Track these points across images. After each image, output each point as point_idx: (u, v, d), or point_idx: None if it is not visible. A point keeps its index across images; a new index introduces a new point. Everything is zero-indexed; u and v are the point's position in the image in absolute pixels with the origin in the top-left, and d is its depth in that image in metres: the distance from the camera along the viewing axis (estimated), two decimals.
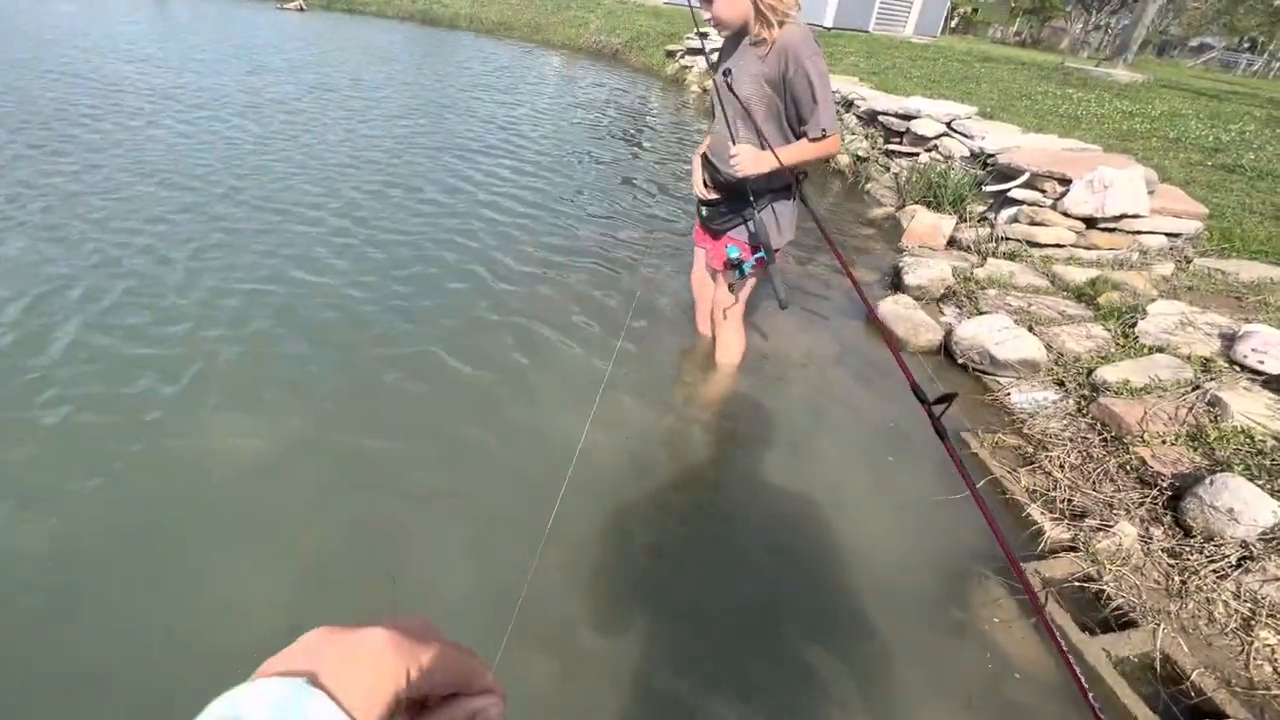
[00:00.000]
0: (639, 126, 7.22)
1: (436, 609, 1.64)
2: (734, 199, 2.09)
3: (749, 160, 1.93)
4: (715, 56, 2.08)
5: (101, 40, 8.67)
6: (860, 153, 5.92)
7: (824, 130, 1.89)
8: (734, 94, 1.93)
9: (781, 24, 1.81)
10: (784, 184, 2.10)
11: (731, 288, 2.29)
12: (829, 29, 13.12)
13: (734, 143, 1.95)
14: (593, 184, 5.02)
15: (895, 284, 3.62)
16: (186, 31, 10.15)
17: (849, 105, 6.32)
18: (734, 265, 2.14)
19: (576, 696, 1.48)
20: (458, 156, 5.31)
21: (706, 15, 1.88)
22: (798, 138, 1.99)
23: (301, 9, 14.56)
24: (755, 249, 2.10)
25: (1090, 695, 0.57)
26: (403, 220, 3.93)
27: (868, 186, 5.53)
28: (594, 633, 1.62)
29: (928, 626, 1.75)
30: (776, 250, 2.18)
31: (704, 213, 2.20)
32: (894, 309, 3.18)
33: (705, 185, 2.09)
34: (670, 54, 10.60)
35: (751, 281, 2.31)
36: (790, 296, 2.08)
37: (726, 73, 1.94)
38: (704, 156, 2.15)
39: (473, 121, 6.53)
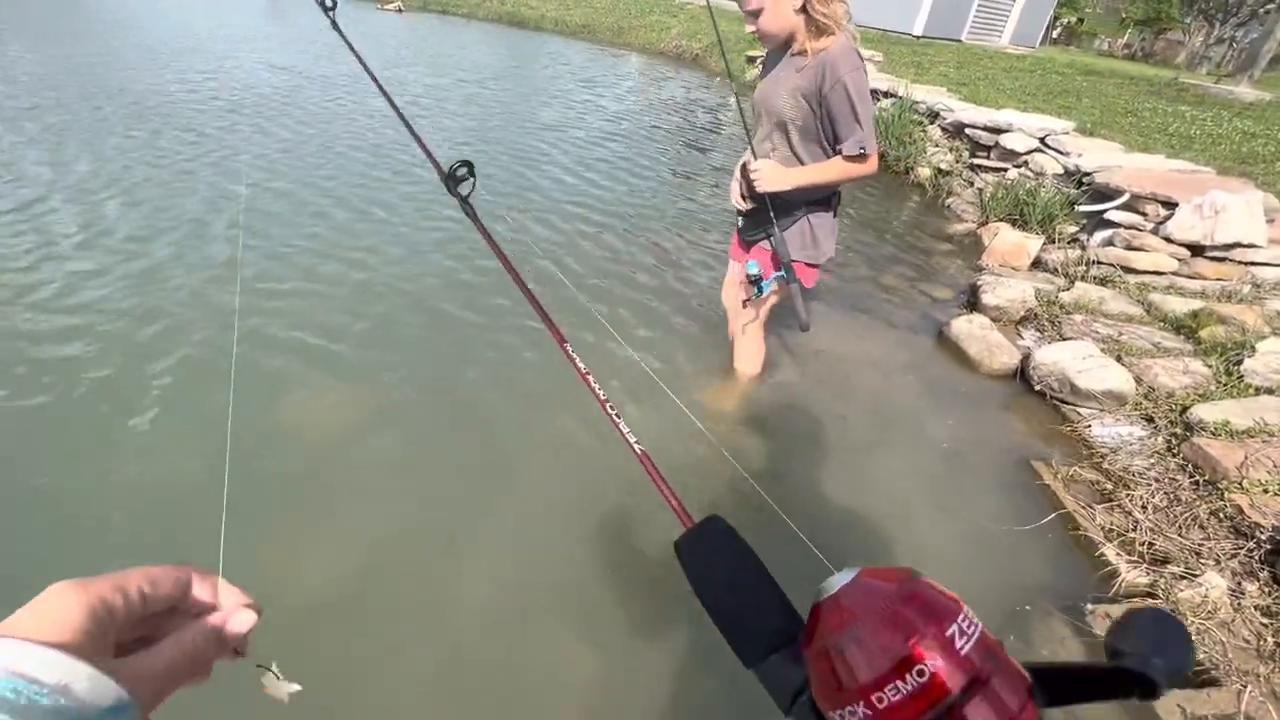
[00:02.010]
0: (720, 125, 7.25)
1: (490, 571, 1.70)
2: (767, 210, 2.02)
3: (769, 176, 1.87)
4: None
5: (251, 36, 9.46)
6: (943, 166, 5.71)
7: (863, 149, 1.78)
8: (770, 107, 1.90)
9: (830, 34, 1.74)
10: (824, 196, 2.01)
11: (746, 304, 2.20)
12: (918, 37, 12.68)
13: (755, 156, 1.91)
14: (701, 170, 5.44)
15: (971, 303, 3.47)
16: (314, 30, 10.91)
17: (934, 116, 6.10)
18: (753, 282, 2.05)
19: (611, 690, 1.50)
20: (590, 141, 5.90)
21: (750, 28, 1.82)
22: (834, 154, 1.89)
23: (400, 10, 15.31)
24: (777, 267, 2.02)
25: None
26: (549, 190, 4.47)
27: (949, 201, 5.32)
28: (629, 636, 1.65)
29: None
30: (815, 266, 2.10)
31: (741, 224, 2.14)
32: (967, 328, 3.06)
33: (742, 196, 2.03)
34: (751, 59, 10.52)
35: (772, 299, 2.21)
36: (812, 319, 2.02)
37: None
38: (743, 167, 2.08)
39: (591, 113, 7.12)
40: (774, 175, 1.88)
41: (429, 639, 1.55)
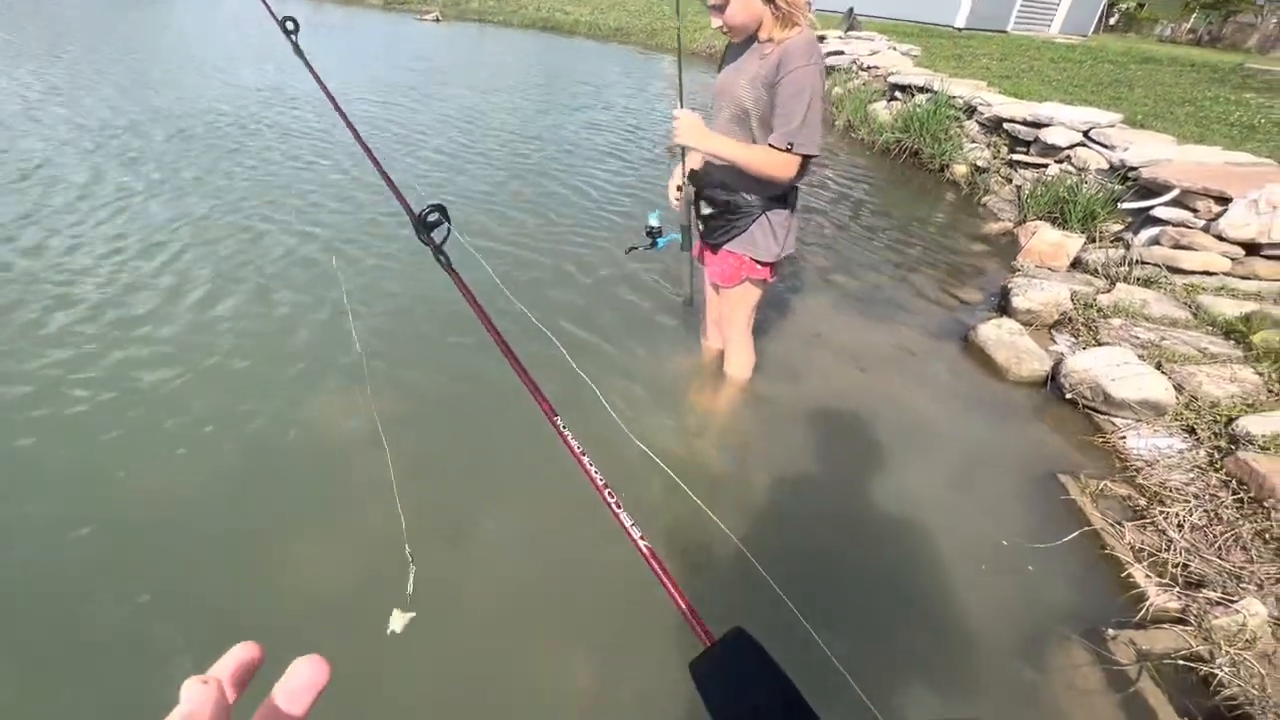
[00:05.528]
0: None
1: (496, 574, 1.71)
2: (726, 212, 2.02)
3: (688, 128, 1.81)
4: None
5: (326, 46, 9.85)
6: (979, 162, 5.50)
7: (790, 144, 1.74)
8: (730, 97, 1.88)
9: (795, 24, 1.73)
10: (781, 192, 1.99)
11: (629, 251, 2.43)
12: (960, 30, 12.29)
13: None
14: None
15: (1002, 306, 3.33)
16: (367, 40, 11.39)
17: (971, 111, 5.88)
18: (649, 233, 2.21)
19: (605, 697, 1.49)
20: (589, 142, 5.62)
21: (717, 23, 1.80)
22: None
23: (438, 19, 15.67)
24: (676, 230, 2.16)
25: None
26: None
27: (984, 199, 5.12)
28: (622, 653, 1.63)
29: (995, 681, 1.60)
30: (774, 264, 2.10)
31: (703, 228, 2.11)
32: (995, 334, 2.93)
33: (679, 192, 2.07)
34: None
35: (757, 295, 2.22)
36: (696, 298, 2.23)
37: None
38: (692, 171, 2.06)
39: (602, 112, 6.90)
40: (694, 129, 1.83)
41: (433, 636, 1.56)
